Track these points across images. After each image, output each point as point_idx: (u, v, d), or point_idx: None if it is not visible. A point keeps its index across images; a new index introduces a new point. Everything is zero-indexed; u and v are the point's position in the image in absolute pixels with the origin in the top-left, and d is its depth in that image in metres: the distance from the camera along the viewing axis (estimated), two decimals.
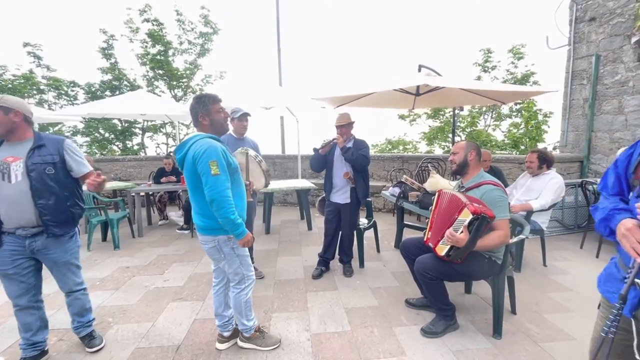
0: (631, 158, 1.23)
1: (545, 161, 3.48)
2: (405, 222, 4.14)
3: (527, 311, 2.63)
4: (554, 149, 8.21)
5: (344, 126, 3.16)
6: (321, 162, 3.27)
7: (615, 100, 5.31)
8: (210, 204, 1.78)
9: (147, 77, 11.44)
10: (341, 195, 3.26)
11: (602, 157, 5.52)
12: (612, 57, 5.30)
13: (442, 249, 2.14)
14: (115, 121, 11.14)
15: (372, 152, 12.23)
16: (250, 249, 3.34)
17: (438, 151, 11.68)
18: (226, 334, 2.19)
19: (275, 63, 8.83)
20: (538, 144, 10.46)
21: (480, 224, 1.97)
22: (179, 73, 11.25)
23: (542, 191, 3.38)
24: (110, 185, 5.58)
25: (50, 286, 2.31)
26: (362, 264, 3.58)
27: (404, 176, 4.12)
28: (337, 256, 3.52)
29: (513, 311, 2.59)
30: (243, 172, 2.89)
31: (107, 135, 11.68)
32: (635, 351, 1.16)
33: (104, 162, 7.84)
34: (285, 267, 3.62)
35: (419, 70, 4.54)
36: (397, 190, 3.89)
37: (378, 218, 5.28)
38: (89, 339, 2.19)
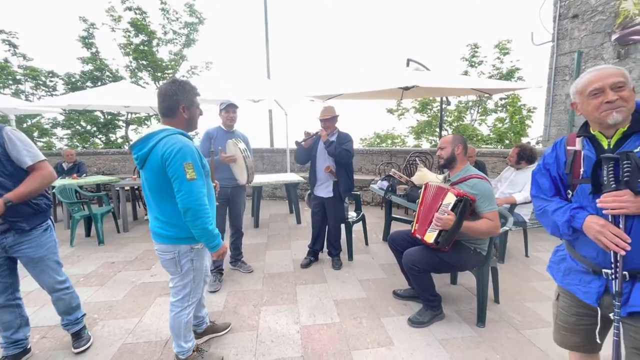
0: (559, 160, 1.32)
1: (523, 157, 3.57)
2: (394, 215, 4.19)
3: (510, 300, 2.72)
4: (537, 143, 8.43)
5: (328, 120, 3.15)
6: (305, 154, 3.27)
7: None
8: (185, 213, 1.56)
9: (131, 67, 11.13)
10: (324, 189, 3.27)
11: None
12: (593, 54, 5.44)
13: (430, 236, 2.19)
14: (98, 113, 10.82)
15: (360, 145, 12.35)
16: (239, 243, 3.33)
17: (426, 145, 11.82)
18: (199, 330, 2.18)
19: (263, 55, 8.71)
20: (522, 138, 10.71)
21: (465, 205, 2.04)
22: (163, 64, 10.97)
23: (525, 184, 3.47)
24: (94, 179, 5.43)
25: (32, 283, 2.24)
26: (350, 257, 3.62)
27: (392, 170, 4.16)
28: (326, 249, 3.55)
29: (496, 300, 2.67)
30: (235, 163, 2.86)
31: (88, 127, 11.34)
32: (597, 335, 1.25)
33: (87, 155, 7.62)
34: (275, 260, 3.63)
35: (408, 64, 4.57)
36: (385, 183, 3.93)
37: (367, 211, 5.33)
38: (75, 338, 2.13)
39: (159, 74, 11.04)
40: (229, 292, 2.89)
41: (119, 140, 11.77)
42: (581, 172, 1.22)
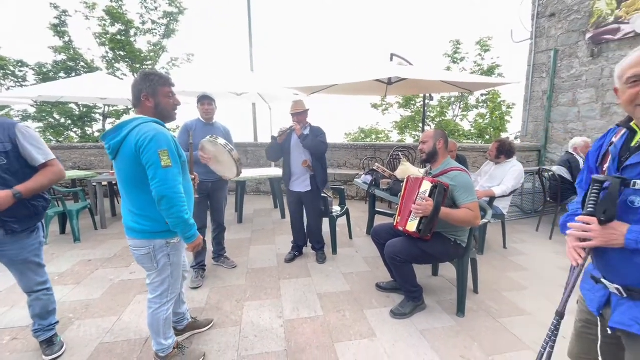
0: (600, 150, 1.16)
1: (502, 151, 3.68)
2: (377, 209, 4.24)
3: (488, 290, 2.81)
4: (516, 138, 8.69)
5: (300, 114, 3.12)
6: (277, 151, 3.22)
7: (570, 93, 5.68)
8: (159, 202, 1.52)
9: (107, 58, 10.69)
10: (301, 184, 3.23)
11: (557, 146, 5.92)
12: (568, 52, 5.63)
13: (412, 225, 2.22)
14: (72, 105, 10.36)
15: (345, 140, 12.35)
16: (222, 239, 3.28)
17: (409, 140, 11.98)
18: (180, 327, 2.14)
19: (246, 47, 8.55)
20: (502, 133, 11.02)
21: (440, 190, 2.11)
22: (142, 55, 10.60)
23: (503, 178, 3.58)
24: (69, 174, 5.21)
25: (3, 282, 2.14)
26: (335, 251, 3.64)
27: (376, 164, 4.19)
28: (309, 244, 3.55)
29: (475, 291, 2.76)
30: (215, 161, 2.79)
31: (62, 120, 10.85)
32: (599, 351, 1.15)
33: (61, 149, 7.28)
34: (259, 255, 3.60)
35: (391, 59, 4.59)
36: (369, 178, 3.96)
37: (351, 206, 5.37)
38: (47, 345, 2.00)
39: (138, 65, 10.67)
40: (211, 288, 2.85)
41: (96, 134, 11.34)
42: (605, 169, 1.08)
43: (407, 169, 3.60)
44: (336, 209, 3.87)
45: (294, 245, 3.52)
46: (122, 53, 10.41)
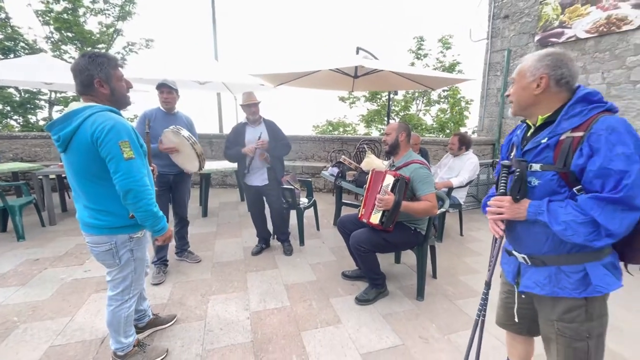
0: (510, 142, 1.33)
1: (464, 143, 3.90)
2: (344, 201, 4.32)
3: (446, 275, 2.99)
4: (473, 132, 9.21)
5: (251, 106, 3.02)
6: (238, 156, 3.13)
7: None
8: (125, 196, 1.44)
9: (52, 39, 9.74)
10: (259, 177, 3.16)
11: None
12: (520, 53, 6.04)
13: (375, 218, 2.31)
14: (12, 90, 9.35)
15: (313, 133, 12.33)
16: (185, 233, 3.18)
17: (375, 133, 12.25)
18: (140, 325, 2.07)
19: (210, 35, 8.20)
20: (461, 128, 11.63)
21: (401, 184, 2.21)
22: (93, 37, 9.78)
23: (460, 170, 3.80)
24: (9, 166, 4.72)
25: None
26: (302, 242, 3.67)
27: (343, 157, 4.26)
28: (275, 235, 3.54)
29: (434, 276, 2.93)
30: (177, 153, 2.68)
31: (0, 107, 9.77)
32: (515, 314, 1.33)
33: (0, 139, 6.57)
34: (224, 249, 3.54)
35: (357, 53, 4.64)
36: (335, 170, 4.02)
37: (318, 198, 5.42)
38: None
39: (89, 49, 9.83)
40: (174, 284, 2.76)
41: (41, 123, 10.35)
42: (512, 156, 1.26)
43: (371, 161, 3.70)
44: (304, 200, 3.89)
45: (259, 237, 3.49)
46: (69, 34, 9.53)
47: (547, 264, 1.16)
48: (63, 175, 4.85)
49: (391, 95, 7.47)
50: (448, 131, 11.71)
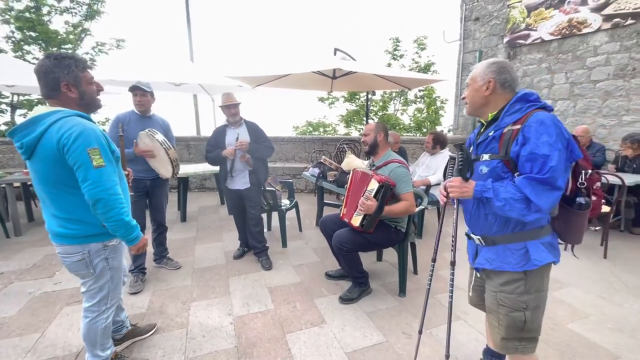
0: (471, 139, 1.51)
1: (438, 142, 4.01)
2: (326, 201, 4.34)
3: (427, 270, 3.06)
4: (449, 131, 9.49)
5: (230, 107, 2.94)
6: (219, 160, 3.04)
7: None
8: (94, 206, 1.37)
9: (14, 39, 9.18)
10: (240, 180, 3.06)
11: None
12: (490, 54, 6.28)
13: (357, 220, 2.34)
14: None
15: (294, 134, 12.30)
16: (163, 239, 3.09)
17: (355, 133, 12.37)
18: (118, 336, 2.00)
19: (185, 36, 8.01)
20: (437, 127, 11.95)
21: (385, 191, 2.24)
22: (59, 37, 9.31)
23: (438, 168, 3.91)
24: None
25: None
26: (284, 244, 3.65)
27: (323, 157, 4.28)
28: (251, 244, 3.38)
29: (415, 272, 3.00)
30: (153, 157, 2.59)
31: None
32: (470, 289, 1.58)
33: None
34: (205, 254, 3.46)
35: (335, 54, 4.67)
36: (316, 170, 4.03)
37: (300, 199, 5.40)
38: None
39: (54, 49, 9.34)
40: (153, 292, 2.68)
41: (3, 128, 9.73)
42: (471, 150, 1.45)
43: (351, 161, 3.74)
44: (285, 202, 3.87)
45: (241, 241, 3.44)
46: (32, 34, 9.02)
47: (497, 243, 1.35)
48: (29, 183, 4.59)
49: (369, 96, 7.57)
50: (425, 130, 11.99)
